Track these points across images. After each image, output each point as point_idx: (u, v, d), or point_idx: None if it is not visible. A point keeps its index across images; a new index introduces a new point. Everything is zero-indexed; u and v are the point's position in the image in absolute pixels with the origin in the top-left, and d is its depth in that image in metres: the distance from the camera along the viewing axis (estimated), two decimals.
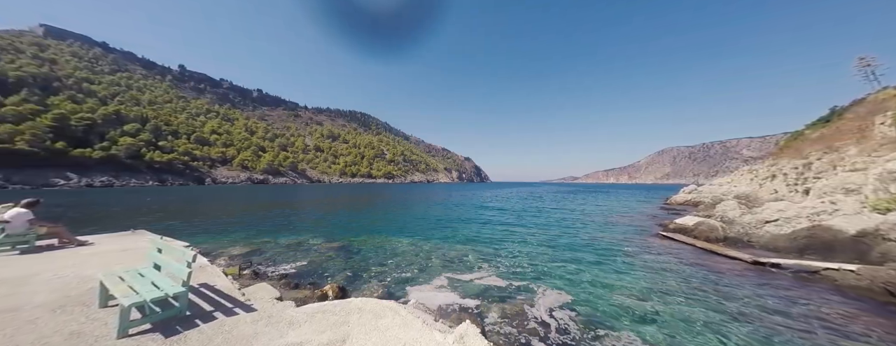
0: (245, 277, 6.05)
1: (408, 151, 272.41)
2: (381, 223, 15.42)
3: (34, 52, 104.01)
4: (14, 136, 61.10)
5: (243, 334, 2.86)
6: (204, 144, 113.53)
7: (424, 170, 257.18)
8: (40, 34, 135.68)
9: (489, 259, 8.31)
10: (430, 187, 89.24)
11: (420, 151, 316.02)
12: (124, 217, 16.05)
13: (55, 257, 5.39)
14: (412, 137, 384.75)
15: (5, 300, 3.50)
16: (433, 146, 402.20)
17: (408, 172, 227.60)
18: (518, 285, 6.24)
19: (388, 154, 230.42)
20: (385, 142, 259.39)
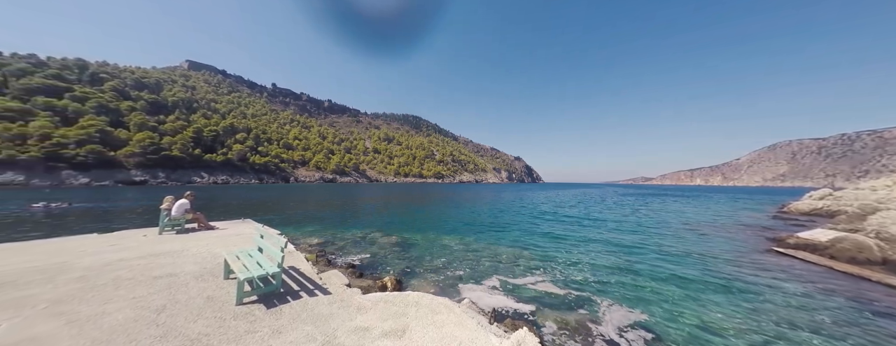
0: (320, 263, 6.98)
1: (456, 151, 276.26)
2: (432, 222, 15.98)
3: (182, 82, 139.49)
4: (171, 145, 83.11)
5: (322, 313, 3.31)
6: (289, 149, 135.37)
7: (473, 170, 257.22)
8: (186, 67, 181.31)
9: (543, 264, 7.83)
10: (478, 188, 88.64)
11: (468, 152, 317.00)
12: (237, 209, 20.26)
13: (197, 237, 7.12)
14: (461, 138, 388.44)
15: (170, 267, 4.78)
16: (481, 146, 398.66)
17: (456, 172, 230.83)
18: (578, 295, 5.72)
19: (437, 155, 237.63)
20: (435, 143, 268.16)
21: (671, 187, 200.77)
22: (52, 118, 69.56)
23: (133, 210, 18.55)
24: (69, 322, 2.94)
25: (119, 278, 4.21)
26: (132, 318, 3.07)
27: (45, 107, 71.46)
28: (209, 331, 2.85)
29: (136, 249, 5.87)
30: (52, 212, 16.86)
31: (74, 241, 6.63)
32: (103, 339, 2.67)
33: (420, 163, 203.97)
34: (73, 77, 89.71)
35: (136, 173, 72.85)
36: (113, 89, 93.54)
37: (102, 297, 3.56)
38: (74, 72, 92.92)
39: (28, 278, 4.16)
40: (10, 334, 2.72)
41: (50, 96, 75.49)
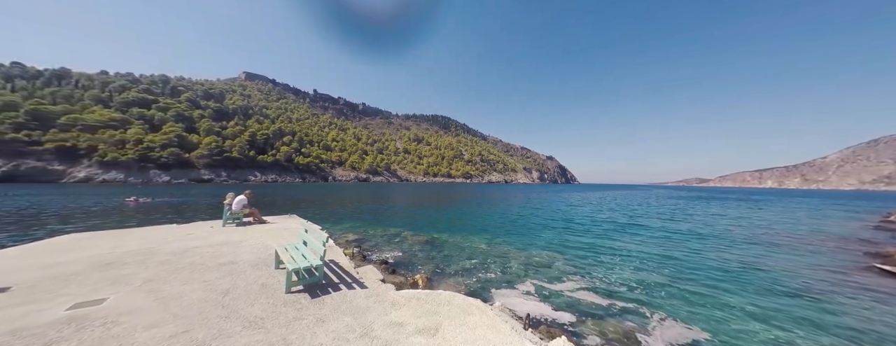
0: (356, 258, 7.36)
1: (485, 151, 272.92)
2: (461, 223, 15.97)
3: (240, 91, 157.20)
4: (231, 148, 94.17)
5: (359, 306, 3.48)
6: (328, 150, 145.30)
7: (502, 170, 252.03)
8: (243, 78, 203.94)
9: (580, 271, 7.37)
10: (508, 188, 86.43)
11: (497, 151, 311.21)
12: (284, 205, 22.28)
13: (252, 230, 7.96)
14: (490, 138, 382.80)
15: (231, 255, 5.40)
16: (511, 145, 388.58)
17: (485, 172, 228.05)
18: (623, 306, 5.28)
19: (466, 155, 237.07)
20: (463, 143, 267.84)
21: (733, 189, 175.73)
22: (142, 126, 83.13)
23: (202, 205, 21.39)
24: (157, 299, 3.47)
25: (193, 263, 4.87)
26: (203, 298, 3.52)
27: (138, 116, 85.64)
28: (264, 315, 3.16)
29: (205, 238, 6.74)
30: (140, 206, 20.13)
31: (159, 230, 7.83)
32: (182, 315, 3.10)
33: (448, 163, 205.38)
34: (158, 90, 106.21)
35: (205, 172, 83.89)
36: (188, 100, 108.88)
37: (181, 279, 4.14)
38: (159, 86, 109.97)
39: (127, 259, 5.00)
40: (117, 305, 3.29)
41: (142, 107, 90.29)
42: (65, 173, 63.38)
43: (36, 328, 2.76)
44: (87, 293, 3.58)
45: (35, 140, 63.89)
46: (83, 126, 72.85)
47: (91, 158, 68.04)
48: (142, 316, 3.04)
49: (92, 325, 2.84)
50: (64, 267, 4.50)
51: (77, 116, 73.85)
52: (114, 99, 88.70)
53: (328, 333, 2.84)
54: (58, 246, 5.89)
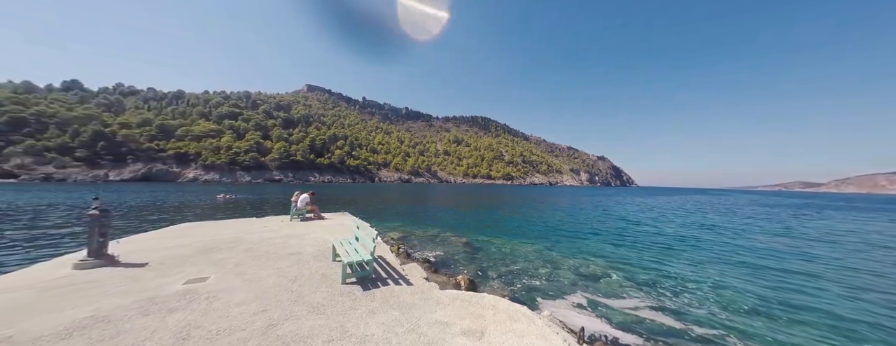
0: (401, 256, 7.70)
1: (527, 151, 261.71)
2: (502, 225, 15.56)
3: (303, 102, 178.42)
4: (296, 152, 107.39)
5: (406, 302, 3.62)
6: (374, 153, 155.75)
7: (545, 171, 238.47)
8: (305, 90, 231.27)
9: (645, 286, 6.53)
10: (552, 191, 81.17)
11: (540, 152, 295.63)
12: (337, 203, 24.51)
13: (313, 225, 8.94)
14: (532, 138, 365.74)
15: (297, 246, 6.13)
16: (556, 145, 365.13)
17: (527, 173, 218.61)
18: (703, 333, 4.52)
19: (506, 156, 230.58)
20: (503, 143, 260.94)
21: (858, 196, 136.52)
22: (231, 134, 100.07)
23: (273, 201, 24.81)
24: (243, 281, 4.12)
25: (268, 252, 5.66)
26: (277, 283, 4.06)
27: (228, 127, 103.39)
28: (325, 302, 3.51)
29: (277, 231, 7.79)
30: (228, 202, 24.16)
31: (242, 223, 9.29)
32: (262, 296, 3.62)
33: (488, 164, 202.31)
34: (243, 104, 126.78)
35: (276, 173, 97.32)
36: (264, 111, 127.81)
37: (260, 265, 4.85)
38: (243, 101, 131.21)
39: (221, 246, 6.04)
40: (216, 283, 4.00)
41: (231, 119, 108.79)
42: (180, 174, 79.76)
43: (164, 297, 3.51)
44: (196, 271, 4.43)
45: (161, 148, 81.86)
46: (192, 136, 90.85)
47: (197, 162, 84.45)
48: (233, 294, 3.63)
49: (199, 298, 3.49)
50: (179, 250, 5.64)
51: (188, 129, 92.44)
52: (212, 113, 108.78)
53: (379, 325, 3.01)
54: (175, 233, 7.41)
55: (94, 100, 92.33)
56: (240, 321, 2.97)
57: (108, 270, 4.38)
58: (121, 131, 78.34)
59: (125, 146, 76.80)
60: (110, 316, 3.00)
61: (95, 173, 68.10)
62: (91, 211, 4.55)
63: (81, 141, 70.55)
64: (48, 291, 3.59)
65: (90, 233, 4.55)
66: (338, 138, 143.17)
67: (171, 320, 2.96)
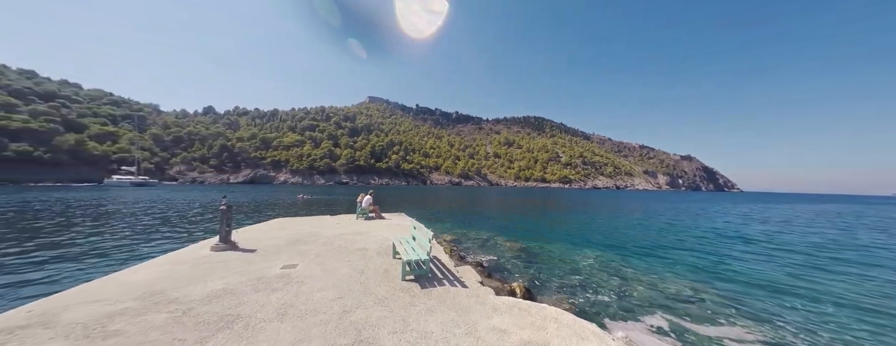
0: (455, 257, 7.84)
1: (588, 152, 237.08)
2: (559, 232, 14.42)
3: (365, 112, 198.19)
4: (359, 157, 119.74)
5: (462, 304, 3.68)
6: (426, 156, 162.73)
7: (611, 174, 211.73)
8: (367, 102, 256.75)
9: (755, 315, 5.23)
10: (620, 196, 71.11)
11: (604, 152, 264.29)
12: (394, 204, 26.38)
13: (375, 223, 9.83)
14: (594, 137, 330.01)
15: (362, 243, 6.82)
16: (625, 144, 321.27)
17: (588, 175, 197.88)
18: None
19: (563, 157, 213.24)
20: (560, 144, 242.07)
21: None
22: (310, 143, 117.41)
23: (341, 201, 28.09)
24: (323, 270, 4.79)
25: (340, 246, 6.45)
26: (348, 274, 4.60)
27: (308, 137, 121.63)
28: (388, 296, 3.83)
29: (346, 227, 8.81)
30: (306, 201, 28.28)
31: (320, 219, 10.77)
32: (337, 284, 4.16)
33: (543, 166, 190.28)
34: (320, 118, 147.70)
35: (344, 176, 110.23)
36: (335, 123, 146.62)
37: (334, 257, 5.56)
38: (319, 114, 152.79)
39: (305, 239, 7.13)
40: (303, 270, 4.75)
41: (310, 131, 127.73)
42: (274, 177, 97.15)
43: (268, 278, 4.33)
44: (289, 259, 5.34)
45: (263, 157, 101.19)
46: (283, 146, 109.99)
47: (286, 167, 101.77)
48: (315, 281, 4.26)
49: (292, 282, 4.20)
50: (275, 241, 6.87)
51: (280, 140, 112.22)
52: (297, 126, 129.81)
53: (437, 323, 3.14)
54: (273, 226, 9.05)
55: (221, 120, 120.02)
56: (321, 305, 3.47)
57: (232, 253, 5.63)
58: (237, 144, 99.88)
59: (239, 156, 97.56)
60: (234, 289, 3.86)
61: (222, 176, 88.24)
62: (221, 207, 5.93)
63: (213, 152, 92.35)
64: (196, 266, 4.80)
65: (221, 224, 5.92)
66: (394, 144, 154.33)
67: (273, 297, 3.65)
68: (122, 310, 3.19)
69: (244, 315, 3.16)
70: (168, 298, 3.53)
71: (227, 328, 2.90)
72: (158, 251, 7.89)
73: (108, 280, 4.11)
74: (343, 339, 2.76)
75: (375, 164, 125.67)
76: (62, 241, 9.28)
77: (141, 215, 15.97)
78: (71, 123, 71.94)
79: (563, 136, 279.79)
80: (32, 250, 8.02)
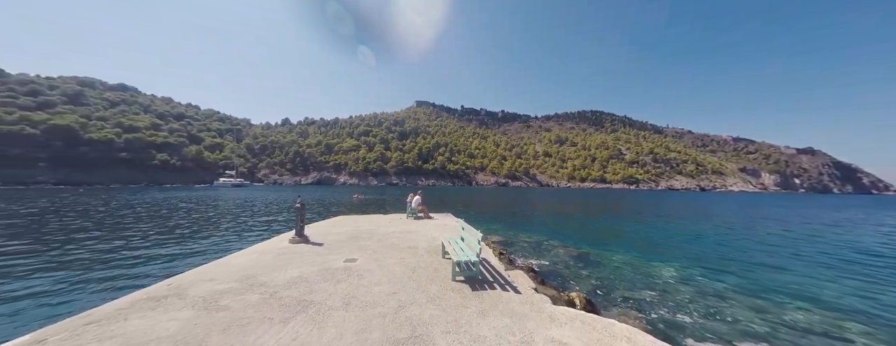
0: (504, 260, 7.57)
1: (661, 147, 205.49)
2: (625, 238, 12.77)
3: (412, 116, 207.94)
4: (407, 160, 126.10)
5: (516, 310, 3.50)
6: (471, 157, 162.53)
7: (694, 172, 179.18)
8: (415, 106, 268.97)
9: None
10: (707, 198, 59.01)
11: (682, 147, 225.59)
12: (440, 204, 26.95)
13: (423, 223, 10.15)
14: (668, 130, 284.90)
15: (413, 241, 7.09)
16: (711, 137, 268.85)
17: (661, 175, 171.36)
18: None
19: (627, 154, 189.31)
20: (623, 140, 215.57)
21: None
22: (365, 148, 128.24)
23: (391, 201, 29.86)
24: (379, 265, 5.11)
25: (393, 243, 6.81)
26: (401, 271, 4.81)
27: (363, 142, 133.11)
28: (439, 294, 3.87)
29: (398, 226, 9.30)
30: (361, 201, 30.78)
31: (374, 218, 11.59)
32: (391, 279, 4.38)
33: (601, 165, 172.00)
34: (372, 123, 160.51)
35: (394, 177, 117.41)
36: (386, 128, 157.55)
37: (388, 254, 5.89)
38: (372, 120, 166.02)
39: (363, 235, 7.73)
40: (362, 264, 5.15)
41: (365, 136, 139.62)
42: (336, 179, 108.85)
43: (334, 269, 4.81)
44: (350, 253, 5.85)
45: (326, 161, 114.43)
46: (341, 150, 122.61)
47: (345, 170, 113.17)
48: (373, 275, 4.57)
49: (353, 274, 4.58)
50: (338, 236, 7.61)
51: (340, 145, 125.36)
52: (354, 132, 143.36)
53: (491, 328, 3.04)
54: (336, 222, 10.08)
55: (295, 130, 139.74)
56: (379, 298, 3.69)
57: (304, 246, 6.43)
58: (306, 150, 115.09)
59: (308, 160, 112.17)
60: (308, 278, 4.38)
61: (295, 178, 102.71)
62: (296, 205, 6.83)
63: (288, 158, 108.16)
64: (278, 256, 5.61)
65: (297, 219, 6.82)
66: (440, 146, 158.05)
67: (339, 287, 4.02)
68: (228, 289, 3.89)
69: (316, 302, 3.55)
70: (259, 282, 4.19)
71: (303, 311, 3.29)
72: (250, 241, 9.50)
73: (218, 264, 5.08)
74: (400, 333, 2.87)
75: (422, 165, 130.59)
76: (190, 230, 11.93)
77: (237, 210, 19.61)
78: (193, 137, 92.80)
79: (628, 130, 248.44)
80: (172, 237, 10.49)
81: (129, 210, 17.96)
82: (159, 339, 2.67)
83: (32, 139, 61.59)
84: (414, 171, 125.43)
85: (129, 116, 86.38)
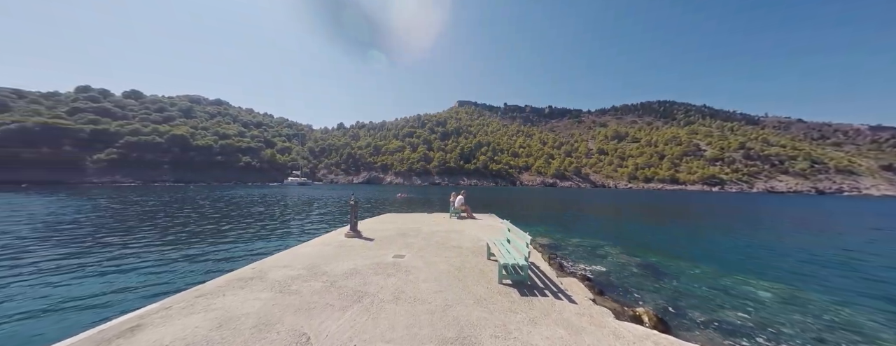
0: (554, 266, 7.08)
1: (755, 141, 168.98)
2: (703, 248, 10.81)
3: (455, 116, 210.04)
4: (449, 160, 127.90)
5: (572, 322, 3.21)
6: (515, 156, 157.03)
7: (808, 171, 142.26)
8: (457, 106, 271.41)
9: None
10: (830, 204, 46.08)
11: (789, 140, 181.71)
12: (483, 204, 26.61)
13: (467, 223, 10.12)
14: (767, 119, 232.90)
15: (457, 241, 7.10)
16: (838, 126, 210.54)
17: (757, 174, 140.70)
18: None
19: (707, 150, 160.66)
20: (701, 133, 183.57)
21: None
22: (409, 148, 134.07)
23: (434, 200, 30.54)
24: (425, 263, 5.23)
25: (438, 242, 6.92)
26: (446, 270, 4.85)
27: (407, 143, 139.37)
28: (486, 297, 3.78)
29: (442, 225, 9.44)
30: (404, 199, 32.13)
31: (419, 216, 11.98)
32: (437, 278, 4.43)
33: (672, 163, 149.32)
34: (416, 125, 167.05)
35: (436, 177, 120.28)
36: (429, 129, 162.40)
37: (433, 252, 6.00)
38: (416, 122, 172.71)
39: (408, 233, 8.04)
40: (409, 261, 5.34)
41: (409, 137, 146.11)
42: (383, 179, 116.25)
43: (384, 264, 5.09)
44: (398, 249, 6.13)
45: (374, 161, 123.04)
46: (388, 151, 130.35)
47: (391, 170, 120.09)
48: (419, 272, 4.69)
49: (401, 270, 4.78)
50: (387, 232, 8.04)
51: (386, 146, 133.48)
52: (399, 134, 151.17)
53: (543, 338, 2.84)
54: (384, 219, 10.71)
55: (348, 133, 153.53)
56: (427, 295, 3.76)
57: (358, 240, 6.96)
58: (357, 152, 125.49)
59: (359, 161, 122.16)
60: (361, 270, 4.71)
61: (348, 178, 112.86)
62: (351, 203, 7.43)
63: (342, 159, 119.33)
64: (337, 248, 6.17)
65: (351, 216, 7.43)
66: (482, 145, 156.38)
67: (389, 281, 4.23)
68: (297, 276, 4.41)
69: (369, 293, 3.79)
70: (321, 271, 4.66)
71: (359, 301, 3.54)
72: (313, 234, 10.70)
73: (289, 252, 5.81)
74: (448, 332, 2.87)
75: (464, 165, 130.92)
76: (267, 221, 13.99)
77: (302, 205, 22.33)
78: (268, 142, 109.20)
79: (708, 122, 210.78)
80: (253, 227, 12.43)
81: (222, 204, 21.96)
82: (248, 314, 3.15)
83: (159, 146, 79.85)
84: (456, 171, 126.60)
85: (222, 125, 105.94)
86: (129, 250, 8.32)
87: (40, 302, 4.88)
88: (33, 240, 9.18)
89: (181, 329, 2.81)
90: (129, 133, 77.39)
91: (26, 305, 4.76)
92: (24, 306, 4.73)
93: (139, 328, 2.81)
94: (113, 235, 10.24)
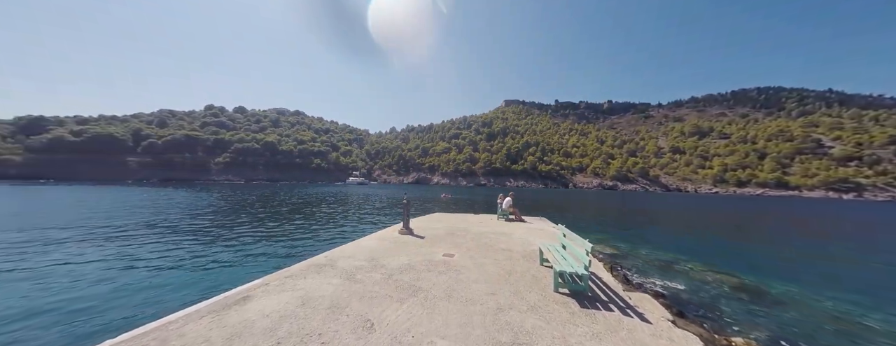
0: (618, 279, 6.36)
1: None
2: (827, 270, 8.36)
3: (501, 116, 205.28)
4: (495, 160, 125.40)
5: (645, 343, 2.86)
6: (568, 156, 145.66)
7: None
8: (503, 105, 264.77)
9: None
10: None
11: None
12: (532, 207, 25.37)
13: (515, 225, 9.80)
14: None
15: (506, 243, 6.94)
16: None
17: None
18: None
19: (834, 146, 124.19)
20: (824, 125, 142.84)
21: None
22: (455, 150, 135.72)
23: (479, 201, 30.28)
24: (474, 263, 5.26)
25: (486, 244, 6.87)
26: (496, 272, 4.79)
27: (453, 144, 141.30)
28: (540, 305, 3.62)
29: (490, 226, 9.34)
30: (448, 200, 32.52)
31: (466, 216, 12.04)
32: (488, 279, 4.42)
33: (778, 163, 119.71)
34: (463, 126, 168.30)
35: (482, 178, 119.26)
36: (475, 130, 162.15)
37: (482, 253, 5.99)
38: (462, 123, 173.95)
39: (457, 232, 8.16)
40: (458, 260, 5.44)
41: (455, 139, 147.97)
42: (430, 179, 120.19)
43: (434, 261, 5.29)
44: (448, 248, 6.30)
45: (422, 163, 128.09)
46: (434, 153, 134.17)
47: (437, 171, 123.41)
48: (469, 272, 4.74)
49: (451, 268, 4.90)
50: (436, 231, 8.31)
51: (433, 148, 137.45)
52: (445, 136, 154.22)
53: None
54: (433, 219, 11.08)
55: (399, 136, 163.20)
56: (478, 296, 3.79)
57: (410, 237, 7.37)
58: (407, 153, 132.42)
59: (409, 162, 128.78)
60: (415, 266, 4.98)
61: (399, 178, 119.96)
62: (404, 201, 7.91)
63: (394, 160, 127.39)
64: (392, 244, 6.64)
65: (404, 214, 7.90)
66: (530, 145, 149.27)
67: (441, 279, 4.39)
68: (361, 266, 4.90)
69: (423, 288, 3.99)
70: (380, 263, 5.08)
71: (414, 295, 3.76)
72: (372, 229, 11.68)
73: (353, 245, 6.47)
74: (502, 336, 2.85)
75: (510, 166, 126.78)
76: (334, 215, 15.79)
77: (361, 203, 24.56)
78: (333, 146, 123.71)
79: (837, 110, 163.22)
80: (322, 220, 14.17)
81: (301, 200, 25.61)
82: (323, 296, 3.63)
83: (256, 151, 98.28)
84: (502, 172, 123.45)
85: (299, 131, 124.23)
86: (237, 232, 10.38)
87: (197, 261, 6.46)
88: (177, 225, 12.18)
89: (277, 303, 3.39)
90: (237, 141, 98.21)
91: (188, 263, 6.36)
92: (184, 264, 6.32)
93: (247, 299, 3.49)
94: (226, 222, 12.93)
